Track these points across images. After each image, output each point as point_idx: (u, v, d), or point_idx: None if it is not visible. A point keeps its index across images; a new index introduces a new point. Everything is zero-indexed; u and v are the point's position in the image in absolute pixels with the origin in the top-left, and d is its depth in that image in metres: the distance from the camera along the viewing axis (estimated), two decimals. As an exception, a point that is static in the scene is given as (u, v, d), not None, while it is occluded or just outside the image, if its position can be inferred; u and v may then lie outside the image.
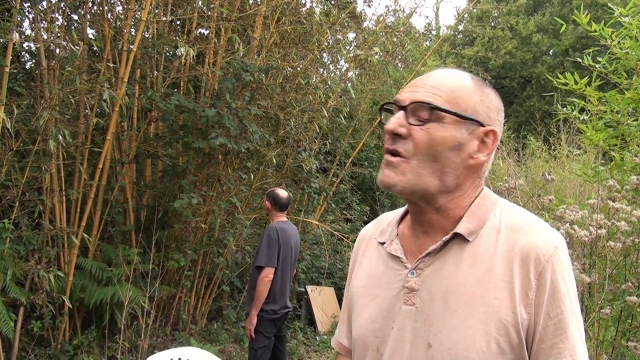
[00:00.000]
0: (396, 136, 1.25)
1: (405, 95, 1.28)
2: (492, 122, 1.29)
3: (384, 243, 1.40)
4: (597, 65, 4.30)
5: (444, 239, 1.26)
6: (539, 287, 1.18)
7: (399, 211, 1.47)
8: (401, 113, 1.26)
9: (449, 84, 1.28)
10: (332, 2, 8.00)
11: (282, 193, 4.91)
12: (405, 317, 1.26)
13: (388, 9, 9.98)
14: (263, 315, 4.65)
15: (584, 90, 4.38)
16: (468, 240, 1.25)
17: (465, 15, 18.49)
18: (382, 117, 1.37)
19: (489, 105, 1.30)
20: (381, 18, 9.65)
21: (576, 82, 4.39)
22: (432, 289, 1.24)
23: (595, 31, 4.24)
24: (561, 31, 15.04)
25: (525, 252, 1.20)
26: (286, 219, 4.96)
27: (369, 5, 10.64)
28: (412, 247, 1.33)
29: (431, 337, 1.22)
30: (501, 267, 1.20)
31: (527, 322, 1.18)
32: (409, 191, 1.25)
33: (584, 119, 4.56)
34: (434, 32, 14.09)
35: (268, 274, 4.62)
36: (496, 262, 1.21)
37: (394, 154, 1.25)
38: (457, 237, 1.26)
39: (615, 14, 4.26)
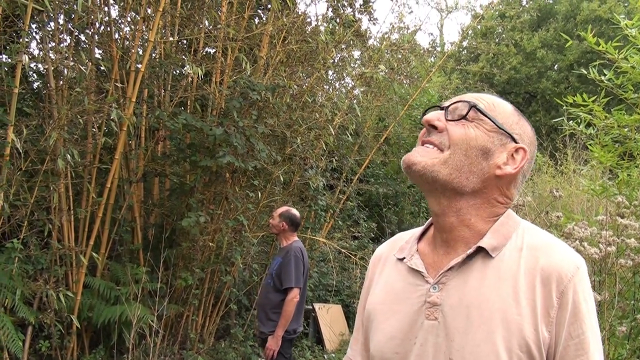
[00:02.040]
0: (432, 128, 1.31)
1: (449, 101, 1.36)
2: (524, 145, 1.34)
3: (403, 259, 1.40)
4: (604, 79, 4.30)
5: (467, 252, 1.27)
6: (561, 306, 1.19)
7: (418, 230, 1.48)
8: (438, 109, 1.34)
9: (492, 98, 1.36)
10: (338, 21, 8.05)
11: (296, 212, 4.93)
12: (427, 332, 1.26)
13: (393, 27, 10.06)
14: (284, 335, 4.63)
15: (591, 109, 4.38)
16: (491, 256, 1.26)
17: (470, 32, 18.57)
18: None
19: (524, 130, 1.36)
20: (386, 36, 9.72)
21: (584, 100, 4.39)
22: (454, 303, 1.24)
23: (599, 45, 4.25)
24: (567, 46, 15.08)
25: (547, 271, 1.21)
26: (297, 238, 4.96)
27: (374, 24, 10.71)
28: (434, 263, 1.33)
29: (453, 353, 1.21)
30: (524, 284, 1.21)
31: (548, 341, 1.18)
32: (430, 176, 1.27)
33: (590, 134, 4.56)
34: (438, 49, 14.15)
35: (296, 294, 4.61)
36: (519, 279, 1.22)
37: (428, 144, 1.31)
38: (480, 252, 1.27)
39: (621, 25, 4.26)
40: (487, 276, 1.24)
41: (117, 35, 5.89)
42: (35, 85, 6.87)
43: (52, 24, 5.45)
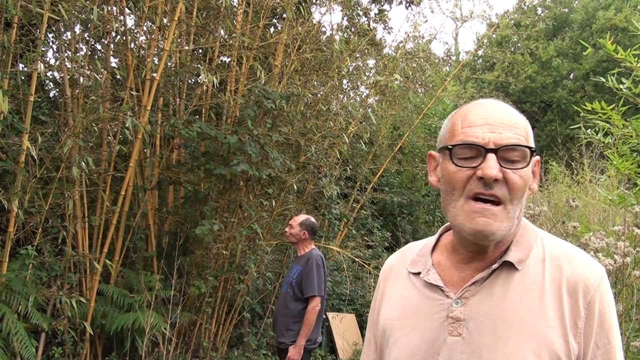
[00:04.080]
0: (494, 181, 1.20)
1: (485, 135, 1.22)
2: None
3: (418, 273, 1.36)
4: (622, 87, 4.24)
5: (493, 267, 1.24)
6: (588, 316, 1.18)
7: (429, 241, 1.44)
8: (494, 157, 1.20)
9: (520, 121, 1.27)
10: (352, 30, 8.05)
11: (315, 220, 4.91)
12: (451, 349, 1.23)
13: (408, 36, 10.03)
14: (305, 346, 4.58)
15: (609, 117, 4.32)
16: (516, 269, 1.23)
17: (485, 41, 18.50)
18: (452, 156, 1.26)
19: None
20: (401, 44, 9.70)
21: (602, 109, 4.33)
22: (479, 318, 1.21)
23: (618, 53, 4.19)
24: (586, 54, 14.97)
25: (573, 282, 1.19)
26: (314, 246, 4.93)
27: (388, 33, 10.70)
28: (452, 277, 1.30)
29: None
30: (551, 295, 1.19)
31: (577, 352, 1.17)
32: (502, 236, 1.22)
33: (608, 143, 4.49)
34: (453, 58, 14.12)
35: (319, 302, 4.57)
36: (545, 290, 1.20)
37: (490, 201, 1.20)
38: (505, 265, 1.24)
39: (639, 33, 4.21)
40: (512, 289, 1.21)
41: (132, 44, 5.93)
42: (52, 93, 6.94)
43: (68, 33, 5.50)
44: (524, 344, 1.15)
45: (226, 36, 6.63)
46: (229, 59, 6.82)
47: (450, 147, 1.25)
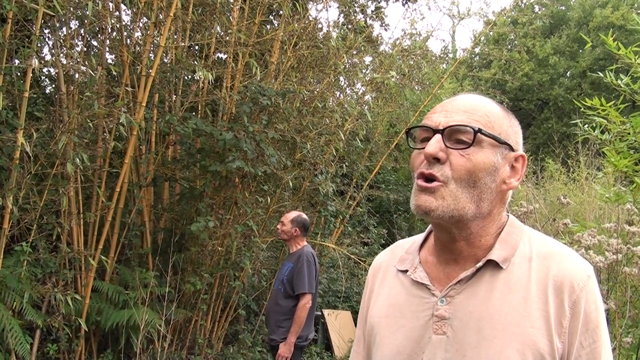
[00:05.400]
0: (434, 160, 1.21)
1: (439, 119, 1.24)
2: (519, 148, 1.29)
3: (405, 271, 1.35)
4: (620, 83, 4.23)
5: (477, 266, 1.23)
6: (573, 315, 1.17)
7: (418, 238, 1.43)
8: (438, 137, 1.21)
9: (482, 108, 1.26)
10: (349, 27, 8.05)
11: (307, 217, 4.90)
12: (435, 347, 1.22)
13: (405, 33, 10.04)
14: (296, 342, 4.59)
15: (607, 113, 4.31)
16: (501, 268, 1.22)
17: (482, 38, 18.53)
18: (408, 141, 1.33)
19: (516, 131, 1.29)
20: (398, 42, 9.69)
21: (602, 105, 4.32)
22: (464, 317, 1.21)
23: (620, 50, 4.18)
24: (586, 48, 14.96)
25: (559, 281, 1.19)
26: (307, 243, 4.93)
27: (385, 30, 10.69)
28: (439, 275, 1.29)
29: None
30: (536, 295, 1.18)
31: (561, 352, 1.16)
32: (448, 216, 1.20)
33: (605, 140, 4.48)
34: (450, 55, 14.11)
35: (309, 300, 4.57)
36: (531, 290, 1.19)
37: (430, 179, 1.21)
38: (490, 264, 1.24)
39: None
40: (497, 288, 1.21)
41: (128, 41, 5.90)
42: (47, 89, 6.91)
43: (64, 29, 5.48)
44: (508, 344, 1.15)
45: (222, 32, 6.61)
46: (225, 56, 6.80)
47: (408, 130, 1.31)
